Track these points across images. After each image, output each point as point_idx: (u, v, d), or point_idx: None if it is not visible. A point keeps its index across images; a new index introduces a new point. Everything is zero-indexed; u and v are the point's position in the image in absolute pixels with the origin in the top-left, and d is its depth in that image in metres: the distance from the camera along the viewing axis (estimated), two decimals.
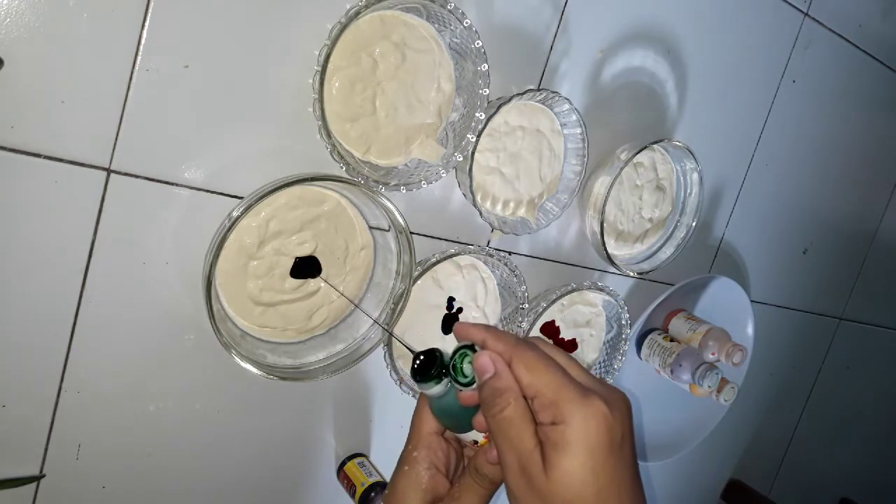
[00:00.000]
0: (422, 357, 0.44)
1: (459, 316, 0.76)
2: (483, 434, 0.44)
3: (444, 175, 0.65)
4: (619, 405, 0.38)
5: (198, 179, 0.59)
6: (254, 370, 0.59)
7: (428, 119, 0.66)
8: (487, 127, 0.67)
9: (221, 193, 0.60)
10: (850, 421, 1.45)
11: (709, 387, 0.87)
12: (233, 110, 0.59)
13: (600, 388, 0.39)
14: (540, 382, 0.38)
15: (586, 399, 0.37)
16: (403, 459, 0.46)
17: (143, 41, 0.54)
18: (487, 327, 0.42)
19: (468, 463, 0.44)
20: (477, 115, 0.64)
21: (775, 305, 1.16)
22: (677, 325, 0.94)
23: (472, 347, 0.43)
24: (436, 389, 0.43)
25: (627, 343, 0.86)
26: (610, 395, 0.38)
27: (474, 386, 0.42)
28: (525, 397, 0.38)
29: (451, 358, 0.43)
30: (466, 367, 0.42)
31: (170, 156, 0.58)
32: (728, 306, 0.97)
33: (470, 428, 0.44)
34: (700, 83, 0.90)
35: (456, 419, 0.44)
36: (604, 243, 0.78)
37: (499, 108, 0.67)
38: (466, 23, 0.61)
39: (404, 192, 0.63)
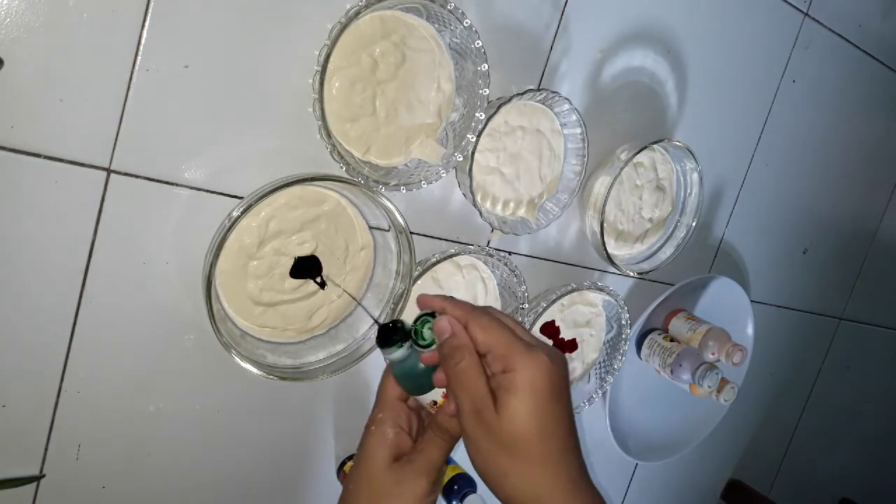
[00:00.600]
0: (388, 325, 0.50)
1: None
2: (441, 392, 0.51)
3: (444, 175, 0.65)
4: (558, 360, 0.44)
5: (198, 179, 0.59)
6: (254, 370, 0.59)
7: (428, 119, 0.66)
8: (487, 127, 0.67)
9: (221, 193, 0.61)
10: (850, 421, 1.45)
11: (709, 387, 0.87)
12: (233, 110, 0.59)
13: (543, 346, 0.45)
14: (492, 339, 0.44)
15: (532, 352, 0.43)
16: (371, 422, 0.50)
17: (143, 41, 0.54)
18: (446, 297, 0.49)
19: (429, 421, 0.50)
20: (477, 115, 0.64)
21: (775, 305, 1.16)
22: (677, 325, 0.94)
23: (432, 315, 0.49)
24: (397, 354, 0.49)
25: (627, 343, 0.86)
26: (551, 351, 0.44)
27: (433, 347, 0.48)
28: (479, 353, 0.45)
29: (413, 325, 0.49)
30: (427, 332, 0.48)
31: (170, 156, 0.58)
32: (728, 306, 0.97)
33: (429, 389, 0.50)
34: (700, 83, 0.90)
35: (417, 381, 0.50)
36: (604, 243, 0.78)
37: (499, 108, 0.67)
38: (466, 23, 0.61)
39: (404, 192, 0.63)
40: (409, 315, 0.70)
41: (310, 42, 0.60)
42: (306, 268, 0.64)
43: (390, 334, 0.49)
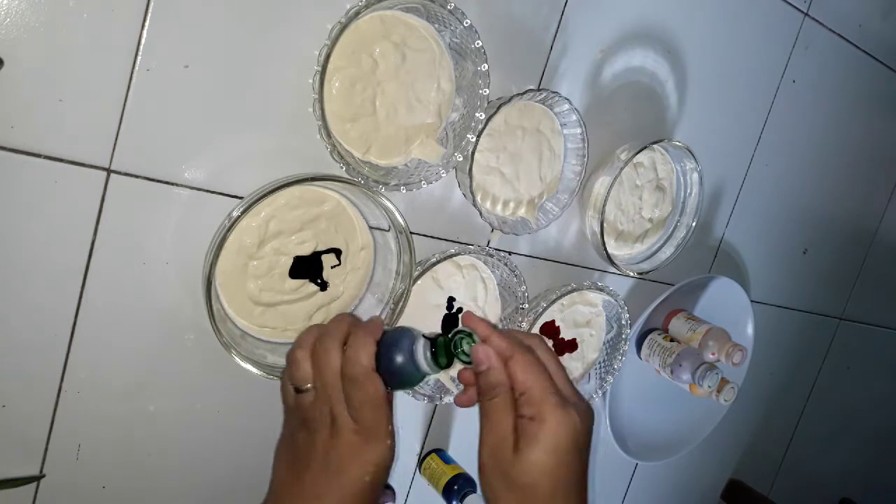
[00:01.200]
0: (437, 337, 0.51)
1: (459, 317, 0.76)
2: None
3: (444, 175, 0.65)
4: (588, 417, 0.46)
5: (198, 179, 0.59)
6: (254, 370, 0.59)
7: (428, 119, 0.66)
8: (487, 127, 0.67)
9: (221, 193, 0.61)
10: (850, 421, 1.45)
11: (709, 387, 0.87)
12: (233, 110, 0.59)
13: (577, 401, 0.46)
14: (530, 383, 0.45)
15: (564, 408, 0.44)
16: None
17: (143, 41, 0.54)
18: (492, 325, 0.50)
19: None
20: (477, 115, 0.64)
21: (775, 305, 1.16)
22: (677, 325, 0.94)
23: (469, 334, 0.50)
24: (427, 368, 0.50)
25: (627, 343, 0.86)
26: (583, 409, 0.46)
27: (468, 366, 0.50)
28: (514, 390, 0.46)
29: (451, 338, 0.50)
30: (467, 348, 0.50)
31: (170, 156, 0.58)
32: (728, 306, 0.97)
33: (411, 387, 0.56)
34: (700, 83, 0.90)
35: (409, 381, 0.52)
36: (604, 243, 0.78)
37: (499, 108, 0.67)
38: (466, 23, 0.61)
39: (404, 192, 0.63)
40: (407, 318, 0.70)
41: (310, 42, 0.60)
42: (306, 268, 0.64)
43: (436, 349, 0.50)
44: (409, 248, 0.64)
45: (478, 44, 0.62)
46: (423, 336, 0.51)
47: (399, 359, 0.50)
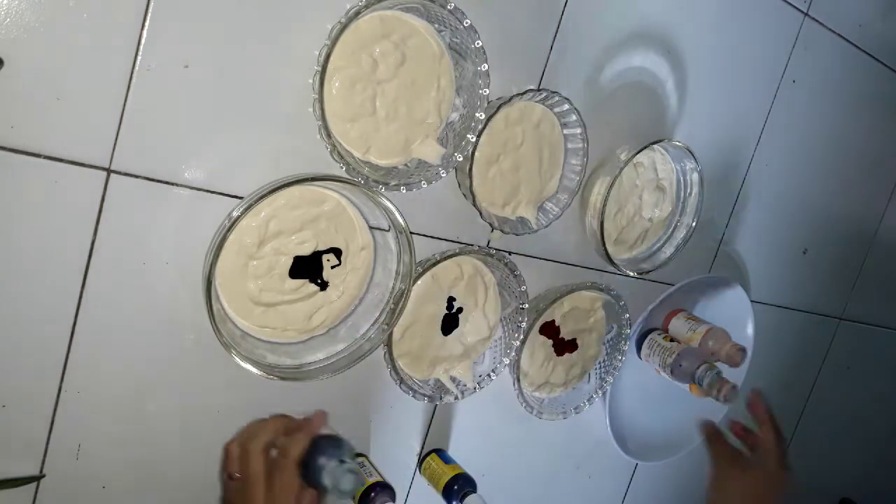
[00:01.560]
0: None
1: (459, 317, 0.76)
2: None
3: (444, 175, 0.65)
4: None
5: (198, 179, 0.59)
6: (254, 370, 0.59)
7: (428, 119, 0.66)
8: (487, 127, 0.67)
9: (221, 193, 0.60)
10: (850, 421, 1.45)
11: (709, 386, 0.87)
12: (233, 110, 0.59)
13: None
14: None
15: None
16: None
17: (143, 41, 0.54)
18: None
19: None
20: (477, 115, 0.64)
21: (775, 305, 1.16)
22: (677, 325, 0.94)
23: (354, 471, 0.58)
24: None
25: (627, 343, 0.86)
26: None
27: None
28: None
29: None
30: (347, 486, 0.57)
31: (170, 156, 0.58)
32: (728, 306, 0.97)
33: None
34: (700, 83, 0.90)
35: (325, 490, 0.58)
36: (604, 243, 0.78)
37: (499, 108, 0.67)
38: (466, 23, 0.61)
39: (404, 192, 0.63)
40: (407, 318, 0.70)
41: (310, 42, 0.60)
42: (306, 268, 0.64)
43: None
44: (409, 248, 0.64)
45: (478, 44, 0.62)
46: (344, 460, 0.58)
47: (321, 463, 0.58)
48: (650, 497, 1.12)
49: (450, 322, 0.75)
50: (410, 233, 0.63)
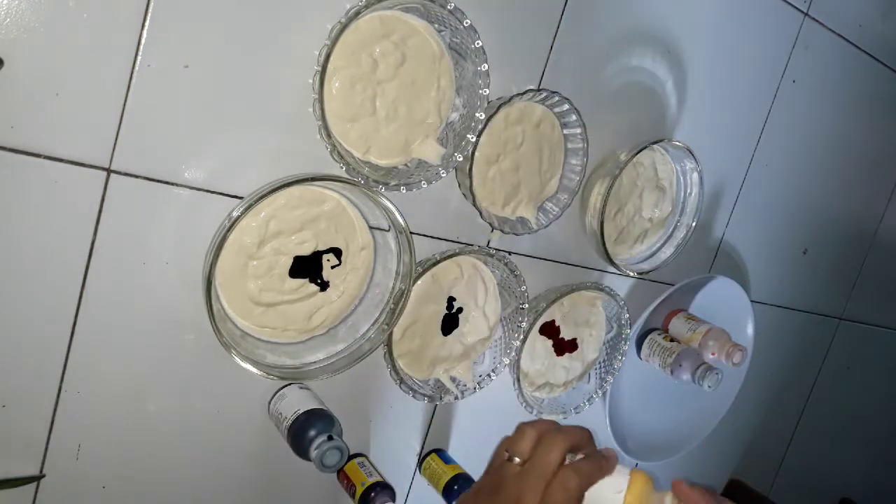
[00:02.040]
0: None
1: (459, 317, 0.76)
2: None
3: (444, 175, 0.65)
4: None
5: (198, 179, 0.59)
6: (254, 370, 0.59)
7: (428, 119, 0.66)
8: (487, 127, 0.67)
9: (221, 193, 0.61)
10: (850, 421, 1.45)
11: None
12: (233, 110, 0.59)
13: None
14: None
15: None
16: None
17: (143, 41, 0.54)
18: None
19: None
20: (477, 115, 0.64)
21: (775, 305, 1.16)
22: (677, 325, 0.94)
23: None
24: None
25: (627, 343, 0.86)
26: None
27: None
28: None
29: None
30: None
31: (170, 156, 0.58)
32: (728, 306, 0.97)
33: None
34: (700, 83, 0.90)
35: None
36: (604, 243, 0.78)
37: (499, 108, 0.67)
38: (466, 23, 0.61)
39: (404, 192, 0.63)
40: (407, 318, 0.70)
41: (310, 42, 0.60)
42: (306, 268, 0.64)
43: None
44: (409, 248, 0.64)
45: (478, 44, 0.62)
46: (332, 437, 0.62)
47: (311, 435, 0.62)
48: None
49: (450, 322, 0.75)
50: (410, 233, 0.63)
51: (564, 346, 0.85)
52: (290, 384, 0.68)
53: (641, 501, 0.51)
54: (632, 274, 0.84)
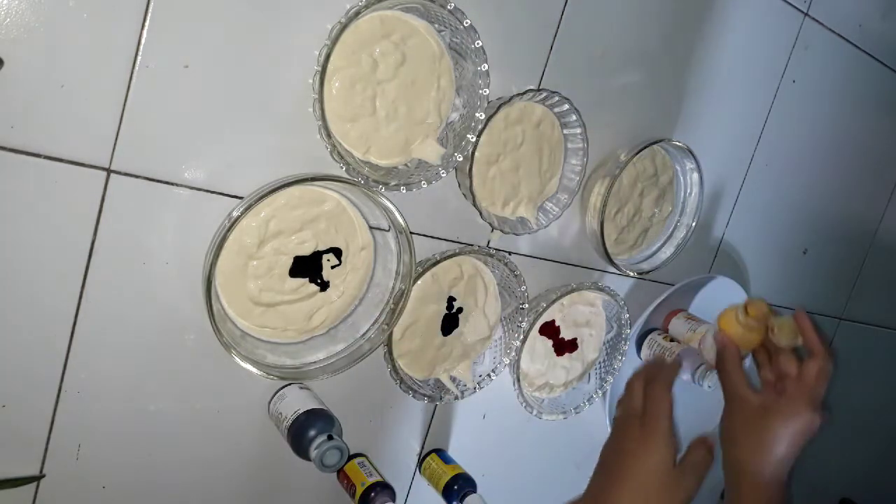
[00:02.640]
0: None
1: (459, 317, 0.76)
2: None
3: (444, 175, 0.65)
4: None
5: (198, 179, 0.59)
6: (254, 370, 0.59)
7: (428, 119, 0.66)
8: (487, 127, 0.67)
9: (221, 193, 0.61)
10: (851, 421, 1.45)
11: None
12: (233, 110, 0.59)
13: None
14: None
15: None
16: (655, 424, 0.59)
17: (143, 41, 0.54)
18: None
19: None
20: (477, 115, 0.64)
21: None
22: (677, 325, 0.94)
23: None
24: None
25: (627, 343, 0.86)
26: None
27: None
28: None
29: None
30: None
31: (170, 156, 0.58)
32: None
33: None
34: (700, 83, 0.90)
35: None
36: (604, 243, 0.78)
37: (499, 108, 0.67)
38: (466, 23, 0.61)
39: (404, 192, 0.63)
40: (407, 318, 0.70)
41: (310, 42, 0.60)
42: (306, 268, 0.64)
43: None
44: (409, 248, 0.64)
45: (478, 44, 0.62)
46: (332, 436, 0.63)
47: (311, 435, 0.63)
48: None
49: (450, 322, 0.75)
50: (410, 233, 0.63)
51: (564, 346, 0.85)
52: (290, 384, 0.68)
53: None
54: (632, 274, 0.84)
